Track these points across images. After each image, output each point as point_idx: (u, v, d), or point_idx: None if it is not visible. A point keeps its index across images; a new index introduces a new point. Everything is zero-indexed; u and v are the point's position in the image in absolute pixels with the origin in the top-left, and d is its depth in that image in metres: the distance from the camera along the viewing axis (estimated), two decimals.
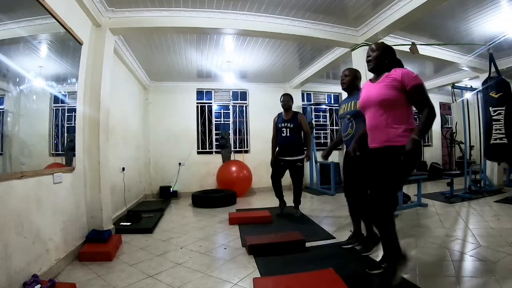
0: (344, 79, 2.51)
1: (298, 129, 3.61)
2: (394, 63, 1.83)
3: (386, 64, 1.82)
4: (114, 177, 3.67)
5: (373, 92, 1.79)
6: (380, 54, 1.83)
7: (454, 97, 4.73)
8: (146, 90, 5.83)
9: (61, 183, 2.23)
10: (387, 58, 1.83)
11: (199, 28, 3.27)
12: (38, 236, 1.88)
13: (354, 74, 2.52)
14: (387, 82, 1.73)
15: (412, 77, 1.68)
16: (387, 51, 1.85)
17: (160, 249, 2.61)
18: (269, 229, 3.10)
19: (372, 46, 1.89)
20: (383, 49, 1.85)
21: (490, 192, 4.61)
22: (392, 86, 1.71)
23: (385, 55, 1.83)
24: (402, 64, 1.86)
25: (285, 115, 3.72)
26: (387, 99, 1.71)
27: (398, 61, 1.86)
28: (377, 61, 1.83)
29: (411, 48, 3.55)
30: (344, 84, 2.52)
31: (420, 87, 1.67)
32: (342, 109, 2.54)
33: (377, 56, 1.83)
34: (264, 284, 1.80)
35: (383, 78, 1.77)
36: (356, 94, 2.42)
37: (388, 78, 1.74)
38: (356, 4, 3.11)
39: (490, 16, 3.38)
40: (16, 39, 1.82)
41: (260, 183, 6.18)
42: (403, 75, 1.69)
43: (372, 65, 1.86)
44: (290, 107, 3.72)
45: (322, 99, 7.14)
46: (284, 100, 3.72)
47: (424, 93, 1.67)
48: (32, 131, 2.04)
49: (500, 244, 2.34)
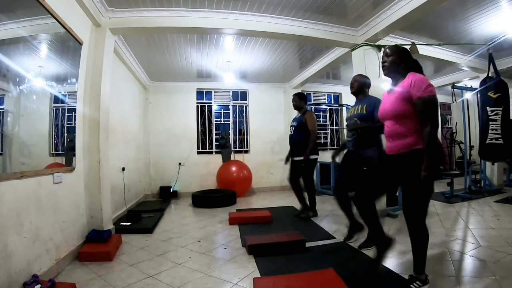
0: (354, 83, 2.71)
1: (302, 127, 3.54)
2: (410, 65, 1.77)
3: (402, 67, 1.76)
4: (114, 177, 3.67)
5: (387, 105, 1.77)
6: (395, 59, 1.78)
7: (454, 97, 4.73)
8: (146, 90, 5.83)
9: (61, 183, 2.23)
10: (403, 62, 1.77)
11: (199, 28, 3.27)
12: (38, 236, 1.88)
13: (363, 81, 2.69)
14: (399, 93, 1.69)
15: (421, 89, 1.59)
16: (403, 54, 1.79)
17: (160, 249, 2.61)
18: (269, 229, 3.10)
19: (386, 50, 1.84)
20: (398, 53, 1.79)
21: (490, 192, 4.61)
22: (403, 98, 1.66)
23: (400, 59, 1.77)
24: (419, 65, 1.80)
25: (298, 114, 3.76)
26: (398, 113, 1.68)
27: (414, 62, 1.79)
28: (393, 67, 1.79)
29: (411, 48, 3.54)
30: (353, 88, 2.71)
31: (426, 100, 1.57)
32: (350, 113, 2.69)
33: (393, 61, 1.78)
34: (264, 284, 1.81)
35: (397, 88, 1.73)
36: (363, 99, 2.62)
37: (400, 88, 1.70)
38: (356, 4, 3.11)
39: (490, 16, 3.38)
40: (16, 39, 1.82)
41: (260, 183, 6.19)
42: (412, 84, 1.62)
43: (387, 71, 1.83)
44: (299, 106, 3.71)
45: (322, 99, 7.13)
46: (292, 100, 3.78)
47: (428, 108, 1.57)
48: (32, 131, 2.04)
49: (500, 244, 2.34)
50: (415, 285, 1.66)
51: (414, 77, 1.65)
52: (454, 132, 7.43)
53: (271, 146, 6.39)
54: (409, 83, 1.64)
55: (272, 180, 6.36)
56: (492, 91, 3.94)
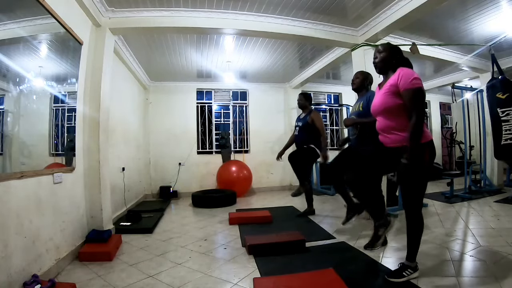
0: (355, 80, 2.72)
1: (308, 127, 3.53)
2: (401, 62, 1.79)
3: (393, 64, 1.79)
4: (114, 177, 3.67)
5: (377, 100, 1.80)
6: (386, 55, 1.81)
7: (454, 97, 4.73)
8: (146, 90, 5.83)
9: (61, 183, 2.23)
10: (394, 59, 1.80)
11: (199, 28, 3.27)
12: (38, 236, 1.88)
13: (364, 77, 2.70)
14: (387, 88, 1.72)
15: (408, 81, 1.62)
16: (394, 51, 1.81)
17: (160, 249, 2.61)
18: (269, 229, 3.10)
19: (378, 47, 1.87)
20: (389, 49, 1.82)
21: (490, 192, 4.61)
22: (391, 93, 1.69)
23: (391, 56, 1.80)
24: (410, 63, 1.82)
25: (302, 113, 3.76)
26: (387, 108, 1.71)
27: (405, 60, 1.82)
28: (383, 63, 1.82)
29: (411, 48, 3.54)
30: (354, 85, 2.73)
31: (412, 92, 1.60)
32: (352, 110, 2.74)
33: (383, 58, 1.81)
34: (264, 284, 1.81)
35: (386, 84, 1.76)
36: (364, 95, 2.63)
37: (388, 83, 1.73)
38: (356, 4, 3.11)
39: (490, 16, 3.38)
40: (16, 39, 1.82)
41: (260, 183, 6.19)
42: (399, 77, 1.65)
43: (378, 67, 1.86)
44: (303, 106, 3.72)
45: (322, 99, 7.13)
46: (298, 99, 3.80)
47: (413, 99, 1.60)
48: (32, 131, 2.04)
49: (500, 244, 2.34)
50: (407, 273, 1.76)
51: (402, 71, 1.69)
52: (454, 132, 7.43)
53: (271, 146, 6.39)
54: (396, 76, 1.68)
55: (272, 180, 6.36)
56: (500, 92, 3.92)
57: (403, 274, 1.76)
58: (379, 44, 1.95)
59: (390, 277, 1.79)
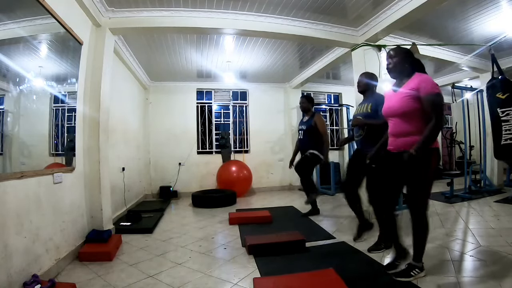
0: (360, 83, 2.69)
1: (312, 131, 3.53)
2: (414, 66, 1.83)
3: (406, 68, 1.82)
4: (114, 177, 3.67)
5: (394, 104, 1.81)
6: (399, 60, 1.84)
7: (454, 97, 4.73)
8: (146, 90, 5.83)
9: (61, 183, 2.23)
10: (407, 62, 1.83)
11: (199, 28, 3.27)
12: (38, 236, 1.88)
13: (369, 80, 2.67)
14: (406, 93, 1.74)
15: (428, 87, 1.67)
16: (406, 55, 1.85)
17: (160, 249, 2.61)
18: (269, 229, 3.10)
19: (390, 52, 1.89)
20: (401, 54, 1.85)
21: (490, 192, 4.61)
22: (410, 97, 1.72)
23: (404, 60, 1.83)
24: (422, 65, 1.85)
25: (305, 117, 3.75)
26: (406, 111, 1.74)
27: (417, 62, 1.85)
28: (397, 67, 1.85)
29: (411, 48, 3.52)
30: (360, 87, 2.70)
31: (433, 97, 1.65)
32: (357, 110, 2.69)
33: (397, 62, 1.84)
34: (264, 284, 1.81)
35: (403, 88, 1.78)
36: (370, 96, 2.60)
37: (407, 88, 1.76)
38: (356, 4, 3.11)
39: (490, 16, 3.38)
40: (16, 39, 1.82)
41: (260, 183, 6.19)
42: (419, 84, 1.70)
43: (392, 72, 1.88)
44: (306, 109, 3.71)
45: (322, 99, 7.13)
46: (299, 102, 3.79)
47: (434, 104, 1.64)
48: (32, 131, 2.04)
49: (500, 244, 2.34)
50: (414, 272, 1.79)
51: (421, 76, 1.74)
52: (454, 132, 7.43)
53: (271, 146, 6.40)
54: (417, 81, 1.72)
55: (272, 180, 6.36)
56: (500, 92, 3.92)
57: (410, 273, 1.79)
58: (390, 49, 1.96)
59: (398, 277, 1.81)
